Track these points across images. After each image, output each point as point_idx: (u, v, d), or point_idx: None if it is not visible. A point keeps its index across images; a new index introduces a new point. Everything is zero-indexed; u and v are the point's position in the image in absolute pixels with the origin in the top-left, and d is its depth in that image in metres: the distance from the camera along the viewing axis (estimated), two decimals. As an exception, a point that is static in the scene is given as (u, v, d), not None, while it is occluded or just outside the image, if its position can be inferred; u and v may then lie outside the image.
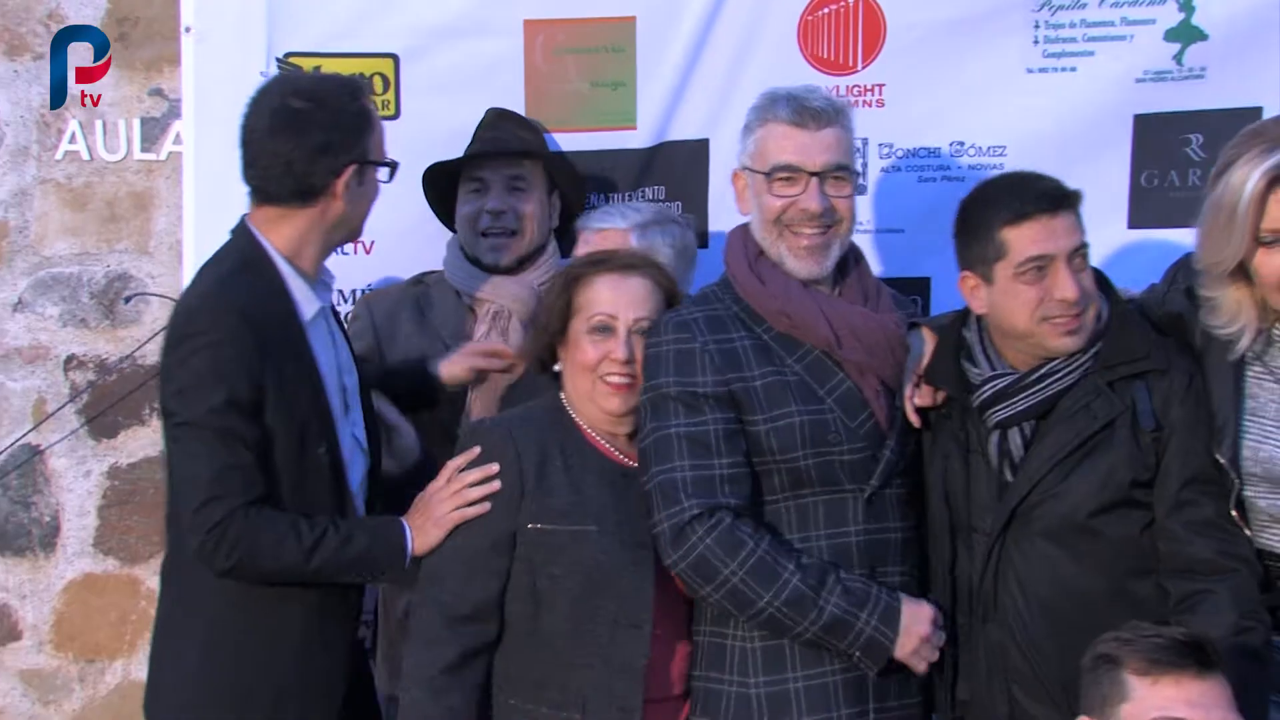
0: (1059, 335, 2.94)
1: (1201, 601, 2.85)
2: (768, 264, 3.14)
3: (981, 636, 3.03)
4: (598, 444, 3.12)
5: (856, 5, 3.84)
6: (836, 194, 3.10)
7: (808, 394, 3.06)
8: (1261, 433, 2.91)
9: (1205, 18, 3.67)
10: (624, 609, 3.00)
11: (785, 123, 3.10)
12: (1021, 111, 3.76)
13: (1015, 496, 2.97)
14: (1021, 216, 2.93)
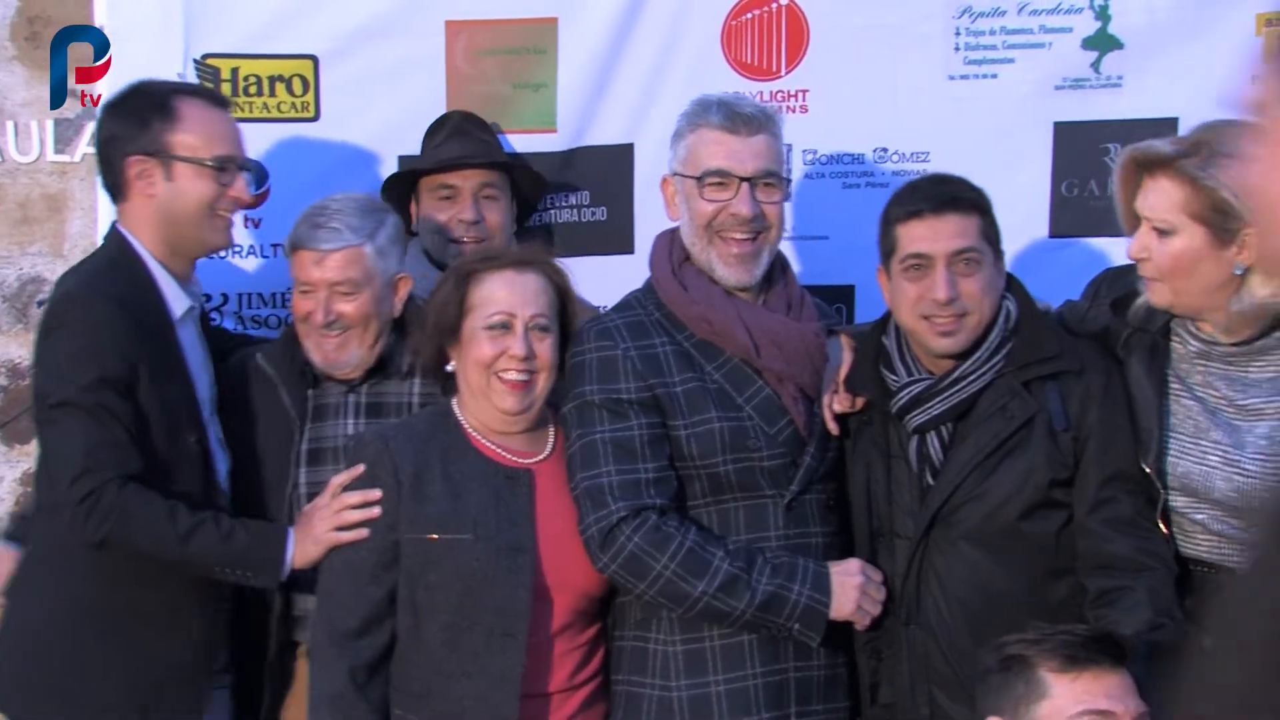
0: (935, 335, 3.05)
1: (1119, 598, 2.95)
2: (692, 270, 3.21)
3: (904, 639, 3.11)
4: (483, 447, 3.16)
5: (780, 11, 3.91)
6: (766, 200, 3.18)
7: (727, 401, 3.13)
8: (1180, 448, 3.02)
9: (1121, 26, 3.77)
10: (499, 618, 3.04)
11: (717, 128, 3.17)
12: (944, 118, 3.85)
13: (937, 500, 3.06)
14: (911, 214, 3.06)
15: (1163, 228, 2.92)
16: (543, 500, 3.13)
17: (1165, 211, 2.91)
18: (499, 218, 3.76)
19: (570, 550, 3.11)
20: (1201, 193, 2.88)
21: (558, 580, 3.11)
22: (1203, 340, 3.03)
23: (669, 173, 3.28)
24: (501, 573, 3.04)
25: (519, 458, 3.16)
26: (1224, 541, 2.97)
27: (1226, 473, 2.96)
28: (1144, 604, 2.92)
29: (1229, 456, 2.96)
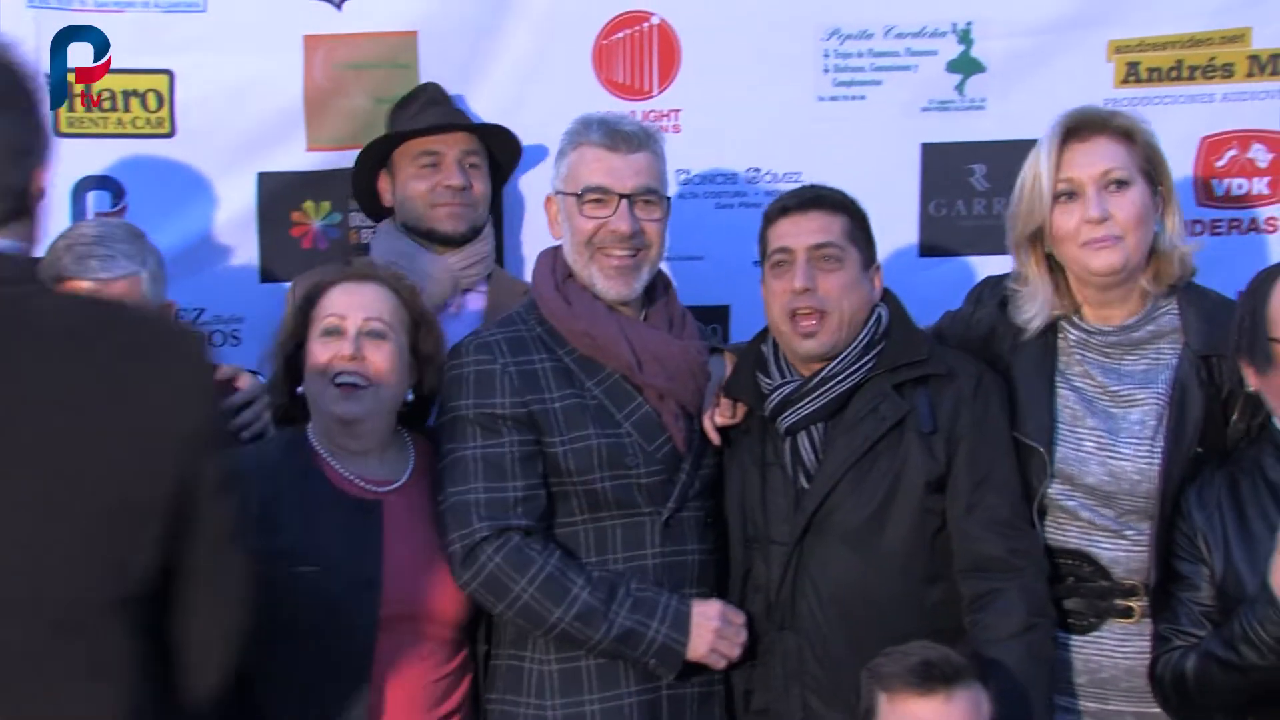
0: (799, 336, 3.17)
1: (994, 600, 3.07)
2: (575, 287, 3.28)
3: (779, 645, 3.20)
4: (334, 475, 3.16)
5: (652, 31, 3.99)
6: (646, 217, 3.26)
7: (606, 418, 3.21)
8: (1058, 436, 3.18)
9: (983, 50, 3.94)
10: (345, 652, 3.04)
11: (597, 146, 3.26)
12: (814, 138, 3.96)
13: (811, 504, 3.16)
14: (778, 213, 3.22)
15: (1121, 178, 3.12)
16: (391, 531, 3.12)
17: (1120, 162, 3.13)
18: (483, 186, 3.81)
19: (423, 580, 3.12)
20: (1139, 145, 3.14)
21: (410, 610, 3.10)
22: (1084, 330, 3.21)
23: (552, 191, 3.35)
24: (348, 606, 3.03)
25: (372, 485, 3.16)
26: (1093, 529, 3.14)
27: (1100, 457, 3.13)
28: (1018, 606, 3.05)
29: (1103, 442, 3.13)
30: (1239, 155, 3.90)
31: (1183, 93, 3.88)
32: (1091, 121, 3.16)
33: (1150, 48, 3.86)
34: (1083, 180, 3.12)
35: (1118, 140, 3.14)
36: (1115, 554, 3.13)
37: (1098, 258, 3.11)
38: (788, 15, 3.92)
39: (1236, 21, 3.82)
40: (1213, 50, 3.84)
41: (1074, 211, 3.12)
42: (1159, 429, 3.10)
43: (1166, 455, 3.08)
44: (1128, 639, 3.13)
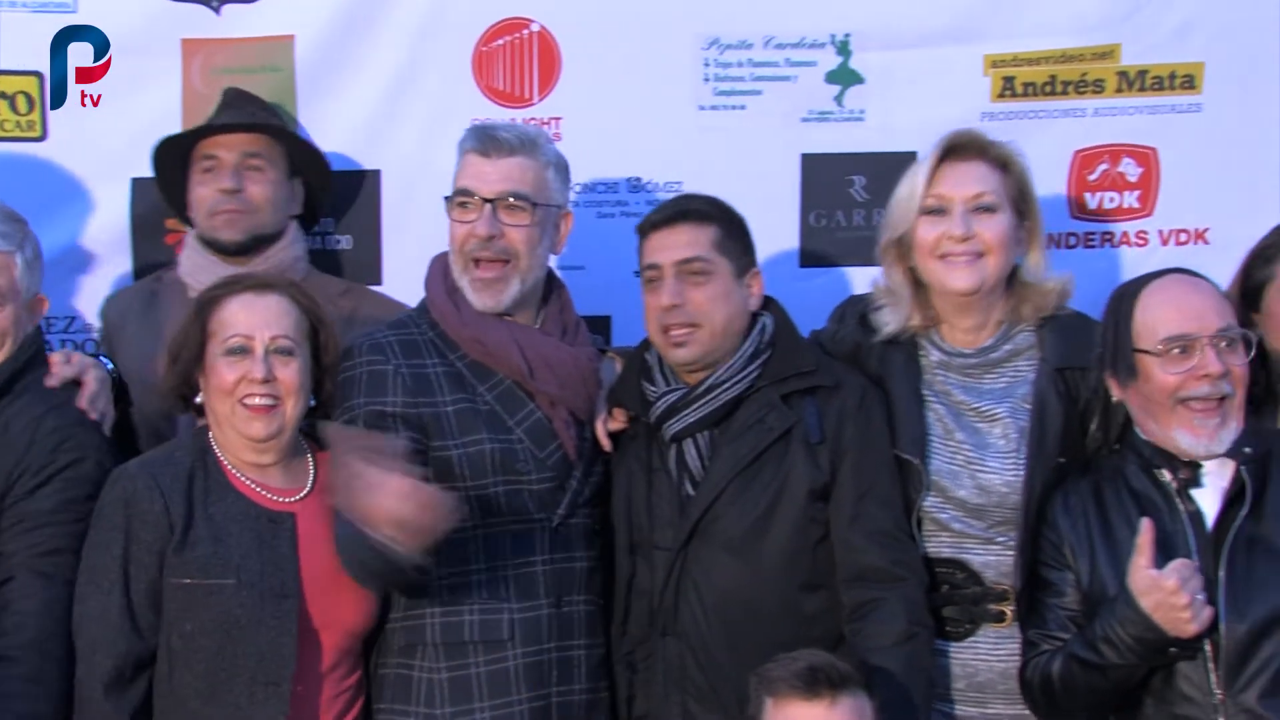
0: (670, 346, 3.24)
1: (875, 609, 3.16)
2: None
3: (660, 651, 3.25)
4: (242, 486, 3.16)
5: (532, 38, 4.02)
6: (511, 223, 3.27)
7: (498, 423, 3.24)
8: (932, 449, 3.29)
9: (861, 62, 4.03)
10: (262, 666, 3.03)
11: (472, 151, 3.30)
12: (695, 148, 4.02)
13: (696, 511, 3.22)
14: (648, 228, 3.28)
15: (990, 204, 3.25)
16: (306, 541, 3.13)
17: (991, 187, 3.26)
18: (264, 190, 3.72)
19: (335, 589, 3.12)
20: (1013, 175, 3.27)
21: (324, 621, 3.12)
22: (945, 352, 3.32)
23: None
24: (264, 619, 3.03)
25: (280, 496, 3.17)
26: (965, 539, 3.25)
27: (970, 471, 3.25)
28: (899, 615, 3.14)
29: (970, 456, 3.26)
30: (1110, 169, 4.02)
31: (1056, 107, 3.99)
32: (971, 144, 3.29)
33: (1025, 62, 3.97)
34: (952, 198, 3.24)
35: (993, 167, 3.27)
36: (986, 559, 3.24)
37: (956, 275, 3.23)
38: (668, 24, 3.98)
39: (1106, 38, 3.94)
40: (1084, 66, 3.96)
41: (938, 225, 3.25)
42: (1021, 442, 3.22)
43: (1029, 466, 3.20)
44: (1001, 642, 3.24)
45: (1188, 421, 2.98)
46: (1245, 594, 2.90)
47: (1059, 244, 4.01)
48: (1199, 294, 3.09)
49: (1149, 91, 3.95)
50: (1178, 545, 2.96)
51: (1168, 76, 3.94)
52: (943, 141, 3.29)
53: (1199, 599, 2.85)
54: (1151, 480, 3.06)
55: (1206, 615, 2.86)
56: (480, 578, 3.22)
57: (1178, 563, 2.87)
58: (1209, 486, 3.01)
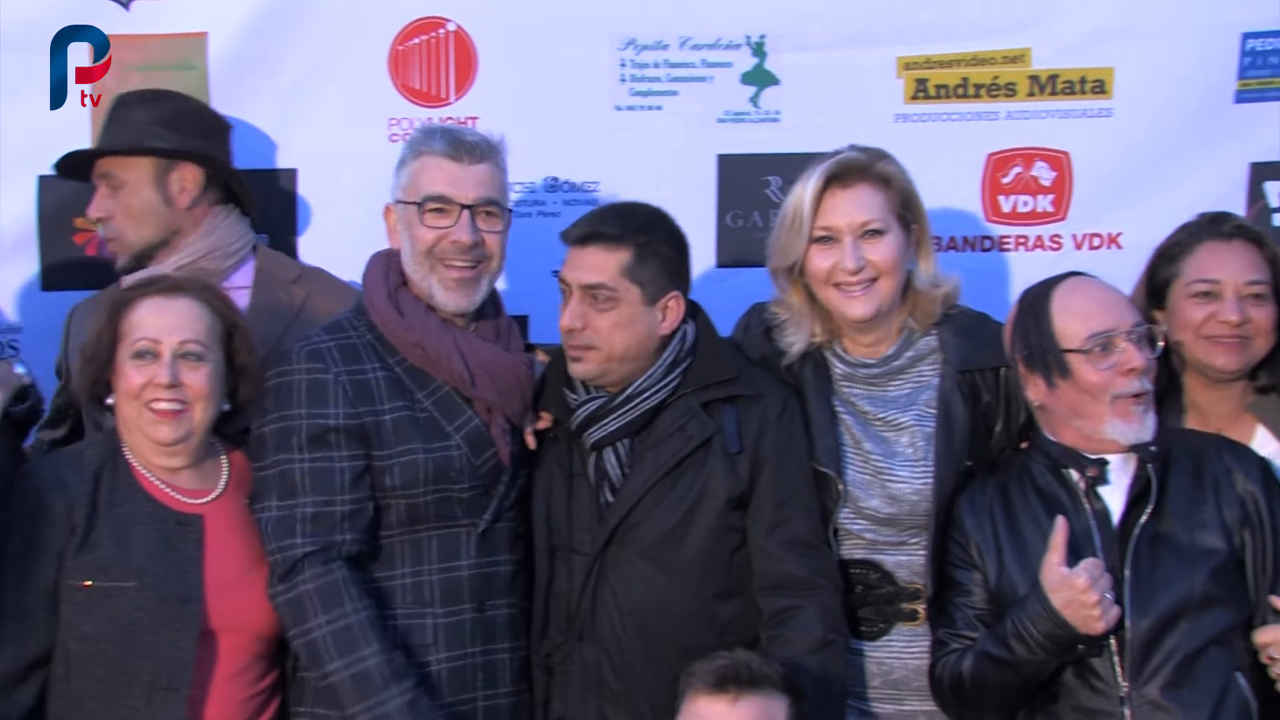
0: (570, 360, 3.28)
1: (793, 617, 3.20)
2: (409, 296, 3.31)
3: (577, 655, 3.28)
4: (151, 487, 3.15)
5: (448, 37, 4.03)
6: (488, 229, 3.30)
7: (435, 431, 3.25)
8: (845, 460, 3.34)
9: (776, 64, 4.08)
10: (161, 670, 3.03)
11: (440, 155, 3.28)
12: (612, 148, 4.06)
13: (615, 517, 3.25)
14: (569, 241, 3.30)
15: (879, 228, 3.29)
16: (213, 545, 3.13)
17: (877, 213, 3.29)
18: (121, 207, 3.63)
19: (242, 593, 3.13)
20: (895, 190, 3.31)
21: (230, 624, 3.12)
22: (849, 363, 3.38)
23: (391, 200, 3.35)
24: (165, 623, 3.02)
25: (189, 498, 3.16)
26: (877, 543, 3.31)
27: (880, 481, 3.31)
28: (816, 622, 3.19)
29: (880, 467, 3.31)
30: (1024, 173, 4.10)
31: (970, 110, 4.07)
32: (852, 168, 3.31)
33: (938, 65, 4.04)
34: (841, 229, 3.29)
35: (876, 187, 3.31)
36: (899, 559, 3.30)
37: (853, 305, 3.30)
38: (584, 24, 4.01)
39: (1017, 42, 4.02)
40: (996, 69, 4.04)
41: (830, 255, 3.30)
42: (929, 449, 3.28)
43: (938, 472, 3.27)
44: (915, 640, 3.30)
45: (1124, 412, 3.06)
46: (1150, 589, 2.99)
47: (974, 247, 4.09)
48: (1109, 291, 3.18)
49: (1061, 96, 4.03)
50: (1084, 543, 3.03)
51: (1079, 81, 4.02)
52: (824, 170, 3.31)
53: (1107, 597, 2.93)
54: (1058, 480, 3.13)
55: (1114, 613, 2.94)
56: (405, 582, 3.23)
57: (1088, 562, 2.95)
58: (1114, 485, 3.09)
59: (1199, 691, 2.94)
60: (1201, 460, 3.10)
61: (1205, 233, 3.43)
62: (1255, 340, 3.33)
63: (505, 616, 3.31)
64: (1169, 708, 2.93)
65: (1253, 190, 4.04)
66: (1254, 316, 3.31)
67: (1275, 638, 2.98)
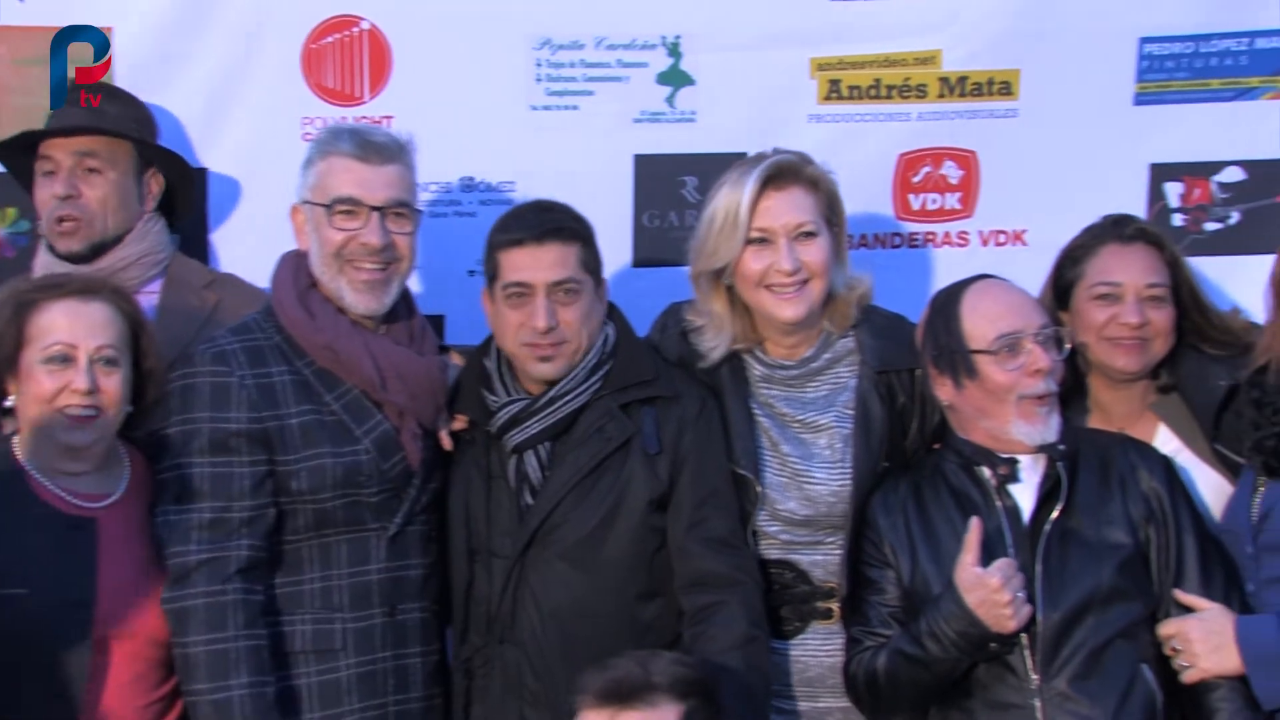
0: (535, 361, 3.29)
1: (715, 613, 3.25)
2: (319, 297, 3.31)
3: (498, 658, 3.31)
4: (45, 493, 3.12)
5: (362, 36, 4.04)
6: (397, 230, 3.30)
7: (343, 434, 3.25)
8: (763, 463, 3.40)
9: (692, 64, 4.13)
10: (55, 676, 3.01)
11: (348, 156, 3.27)
12: (528, 148, 4.09)
13: (535, 519, 3.29)
14: (513, 242, 3.29)
15: (812, 230, 3.34)
16: (108, 549, 3.11)
17: (811, 215, 3.35)
18: (100, 192, 3.65)
19: (139, 598, 3.12)
20: (823, 193, 3.37)
21: (123, 630, 3.10)
22: (768, 365, 3.44)
23: (298, 201, 3.35)
24: (58, 629, 3.00)
25: (86, 501, 3.13)
26: (793, 543, 3.38)
27: (798, 483, 3.37)
28: (739, 618, 3.24)
29: (798, 469, 3.38)
30: (933, 172, 4.19)
31: (881, 110, 4.15)
32: (788, 170, 3.37)
33: (850, 66, 4.12)
34: (776, 230, 3.34)
35: (808, 190, 3.37)
36: (814, 559, 3.38)
37: (785, 307, 3.35)
38: (500, 23, 4.03)
39: (927, 44, 4.11)
40: (907, 71, 4.12)
41: (765, 256, 3.34)
42: (846, 449, 3.36)
43: (855, 473, 3.35)
44: (830, 638, 3.38)
45: (1029, 413, 3.14)
46: (1060, 584, 3.08)
47: (885, 244, 4.18)
48: (1017, 294, 3.28)
49: (969, 97, 4.12)
50: (996, 540, 3.13)
51: (986, 82, 4.11)
52: (760, 172, 3.35)
53: (1020, 596, 3.03)
54: (970, 478, 3.21)
55: (1026, 612, 3.04)
56: (313, 587, 3.24)
57: (1002, 562, 3.04)
58: (1024, 483, 3.18)
59: (1106, 683, 3.04)
60: (1108, 458, 3.21)
61: (1107, 235, 3.54)
62: (1155, 341, 3.45)
63: (417, 621, 3.34)
64: (1077, 699, 3.03)
65: (1153, 191, 4.16)
66: (1153, 318, 3.43)
67: (1179, 630, 3.10)
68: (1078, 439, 3.25)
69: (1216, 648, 3.04)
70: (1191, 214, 4.18)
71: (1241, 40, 4.09)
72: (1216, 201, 4.17)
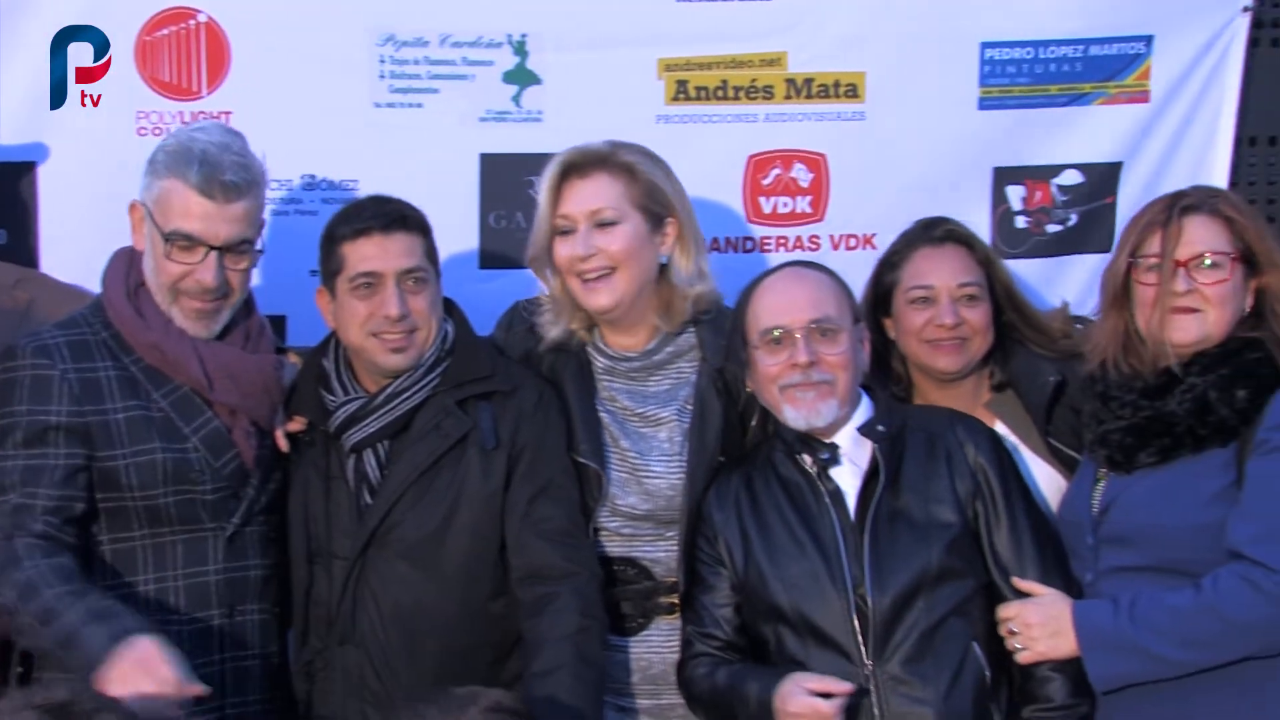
0: (386, 351, 3.32)
1: (548, 604, 3.29)
2: (149, 296, 3.31)
3: (339, 660, 3.33)
4: None
5: (199, 29, 4.03)
6: (234, 267, 3.29)
7: (172, 431, 3.25)
8: (607, 458, 3.45)
9: (538, 63, 4.18)
10: None
11: (194, 189, 3.22)
12: (372, 146, 4.10)
13: (374, 518, 3.31)
14: (358, 233, 3.31)
15: (609, 218, 3.38)
16: None
17: (610, 201, 3.38)
18: None
19: None
20: (639, 181, 3.40)
21: None
22: (610, 357, 3.50)
23: (138, 199, 3.31)
24: None
25: None
26: (635, 538, 3.43)
27: (637, 478, 3.43)
28: (572, 609, 3.28)
29: (636, 464, 3.44)
30: (783, 174, 4.29)
31: (729, 111, 4.24)
32: (589, 158, 3.43)
33: (697, 67, 4.20)
34: (576, 217, 3.41)
35: (616, 177, 3.41)
36: (656, 555, 3.44)
37: (591, 295, 3.42)
38: (342, 18, 4.05)
39: (773, 46, 4.21)
40: (754, 72, 4.22)
41: (568, 244, 3.42)
42: (685, 442, 3.43)
43: (691, 466, 3.41)
44: (673, 634, 3.44)
45: (792, 397, 3.24)
46: (890, 566, 3.16)
47: (736, 248, 4.26)
48: (800, 286, 3.33)
49: (816, 99, 4.23)
50: (823, 525, 3.22)
51: (833, 85, 4.23)
52: (561, 160, 3.43)
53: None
54: (796, 466, 3.30)
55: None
56: (148, 589, 3.23)
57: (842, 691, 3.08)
58: (850, 466, 3.27)
59: (939, 663, 3.12)
60: (935, 435, 3.30)
61: (919, 239, 3.67)
62: (973, 340, 3.57)
63: (256, 623, 3.34)
64: (910, 681, 3.11)
65: (997, 193, 4.32)
66: (968, 318, 3.56)
67: (1018, 613, 3.19)
68: (904, 417, 3.36)
69: (1054, 632, 3.14)
70: (1034, 216, 4.34)
71: (1076, 47, 4.27)
72: (1057, 204, 4.34)
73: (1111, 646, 3.10)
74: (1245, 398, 3.11)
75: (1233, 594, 3.01)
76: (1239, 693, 3.06)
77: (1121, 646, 3.08)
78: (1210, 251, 3.18)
